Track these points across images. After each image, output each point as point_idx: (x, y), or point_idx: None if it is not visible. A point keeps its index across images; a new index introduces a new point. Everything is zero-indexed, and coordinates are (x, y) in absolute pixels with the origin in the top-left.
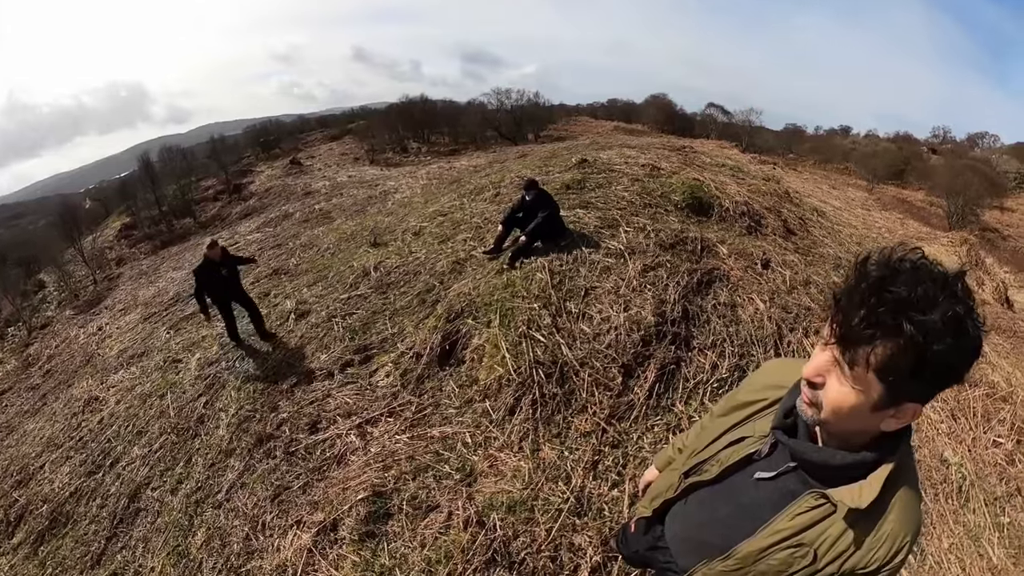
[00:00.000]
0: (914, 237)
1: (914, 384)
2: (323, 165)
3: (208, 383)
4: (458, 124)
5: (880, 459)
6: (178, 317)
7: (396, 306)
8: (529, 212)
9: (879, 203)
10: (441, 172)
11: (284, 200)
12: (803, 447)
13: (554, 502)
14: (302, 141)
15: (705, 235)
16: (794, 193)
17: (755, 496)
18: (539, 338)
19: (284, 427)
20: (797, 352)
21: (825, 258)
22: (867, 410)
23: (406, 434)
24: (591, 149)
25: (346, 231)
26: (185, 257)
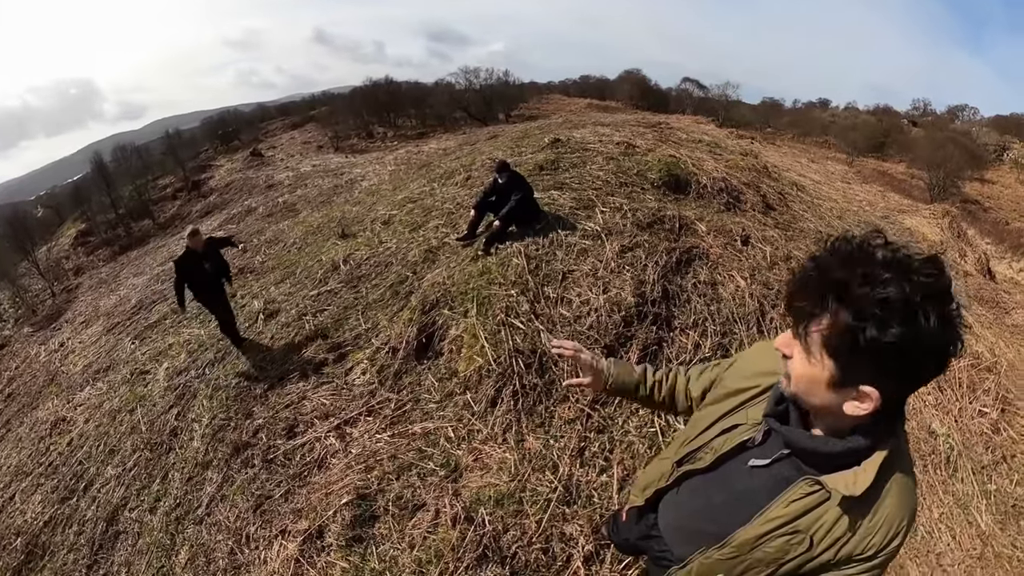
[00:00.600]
0: (895, 210)
1: (863, 367)
2: (285, 155)
3: (178, 393)
4: (425, 106)
5: (873, 445)
6: (142, 326)
7: (368, 300)
8: (502, 195)
9: (859, 176)
10: (409, 157)
11: (246, 194)
12: (795, 435)
13: (542, 492)
14: (263, 131)
15: (683, 213)
16: (773, 168)
17: (750, 483)
18: (518, 325)
19: (260, 434)
20: (780, 329)
21: (806, 233)
22: (823, 386)
23: (387, 432)
24: (564, 128)
25: (313, 224)
26: (145, 261)
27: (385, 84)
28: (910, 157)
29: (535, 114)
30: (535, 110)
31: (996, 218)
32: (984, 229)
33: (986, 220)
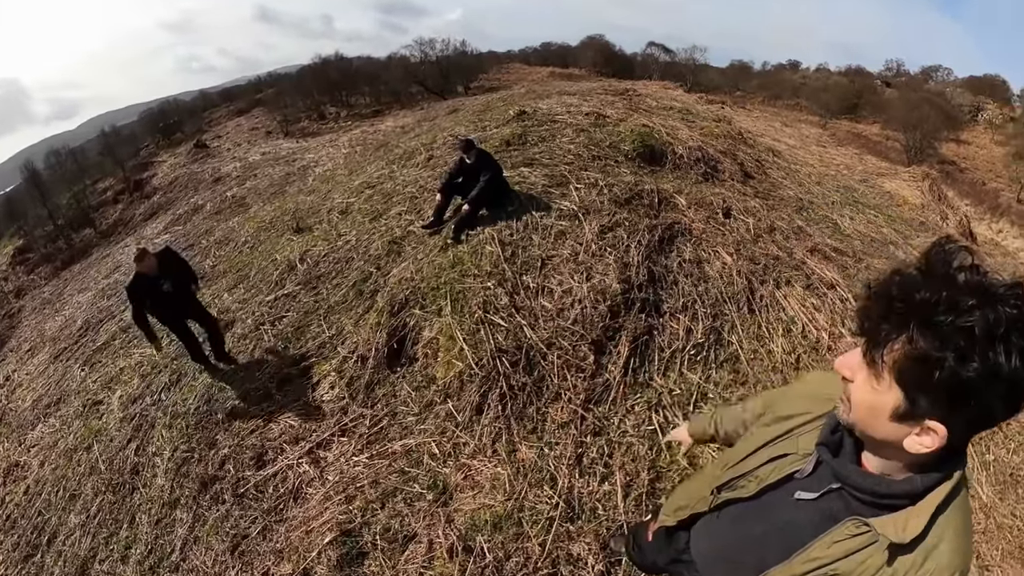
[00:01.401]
0: (874, 173)
1: (933, 400)
2: (232, 144)
3: (135, 424)
4: (379, 82)
5: (929, 488)
6: (91, 349)
7: (330, 302)
8: (470, 176)
9: (834, 139)
10: (365, 137)
11: (192, 191)
12: (847, 469)
13: (542, 510)
14: (206, 120)
15: (661, 186)
16: (747, 134)
17: (794, 516)
18: (498, 322)
19: (227, 465)
20: (771, 308)
21: (786, 201)
22: (886, 417)
23: (364, 454)
24: (528, 99)
25: (264, 218)
26: (90, 275)
27: (336, 61)
28: (884, 118)
29: (496, 85)
30: (495, 81)
31: (973, 179)
32: (962, 190)
33: (963, 181)
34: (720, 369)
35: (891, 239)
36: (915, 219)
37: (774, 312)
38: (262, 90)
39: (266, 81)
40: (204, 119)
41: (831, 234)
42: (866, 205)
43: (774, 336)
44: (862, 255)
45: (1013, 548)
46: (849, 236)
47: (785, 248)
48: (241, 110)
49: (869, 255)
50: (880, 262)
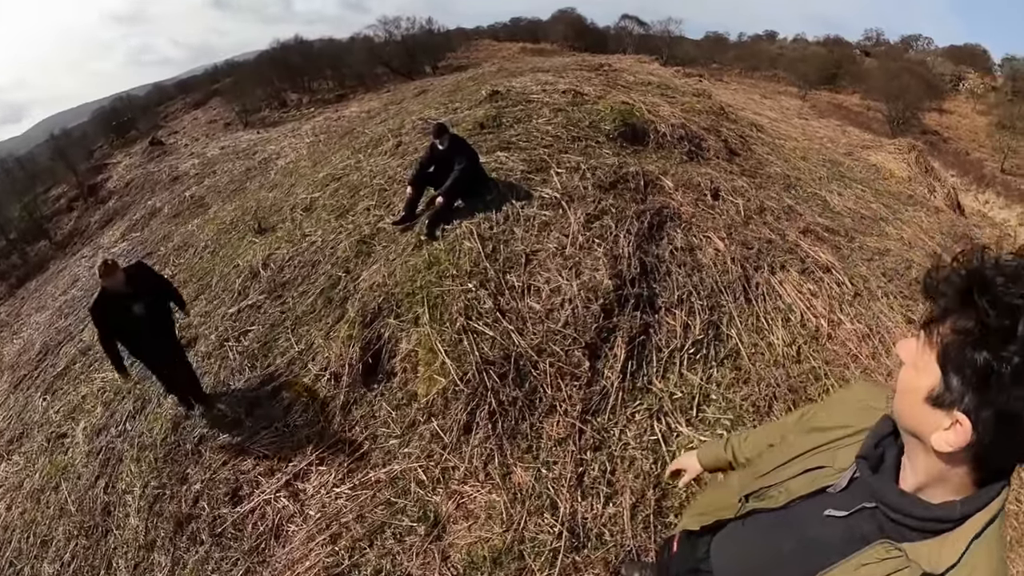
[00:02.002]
0: (858, 146)
1: (962, 383)
2: (189, 140)
3: (102, 459)
4: (342, 64)
5: (968, 515)
6: (51, 376)
7: (297, 312)
8: (443, 164)
9: (815, 110)
10: (329, 124)
11: (149, 193)
12: (885, 488)
13: (545, 541)
14: (161, 115)
15: (646, 168)
16: (729, 108)
17: (822, 533)
18: (482, 329)
19: (202, 502)
20: (768, 295)
21: (774, 178)
22: (921, 397)
23: (345, 484)
24: (500, 77)
25: (225, 219)
26: (47, 291)
27: (295, 45)
28: (864, 88)
29: (465, 63)
30: (464, 59)
31: (957, 149)
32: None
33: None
34: (721, 367)
35: (881, 214)
36: (903, 192)
37: (771, 301)
38: (219, 79)
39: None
40: (159, 114)
41: (821, 212)
42: (853, 180)
43: (773, 327)
44: (854, 233)
45: (1020, 535)
46: (839, 213)
47: (777, 230)
48: (198, 102)
49: (861, 233)
50: (873, 240)
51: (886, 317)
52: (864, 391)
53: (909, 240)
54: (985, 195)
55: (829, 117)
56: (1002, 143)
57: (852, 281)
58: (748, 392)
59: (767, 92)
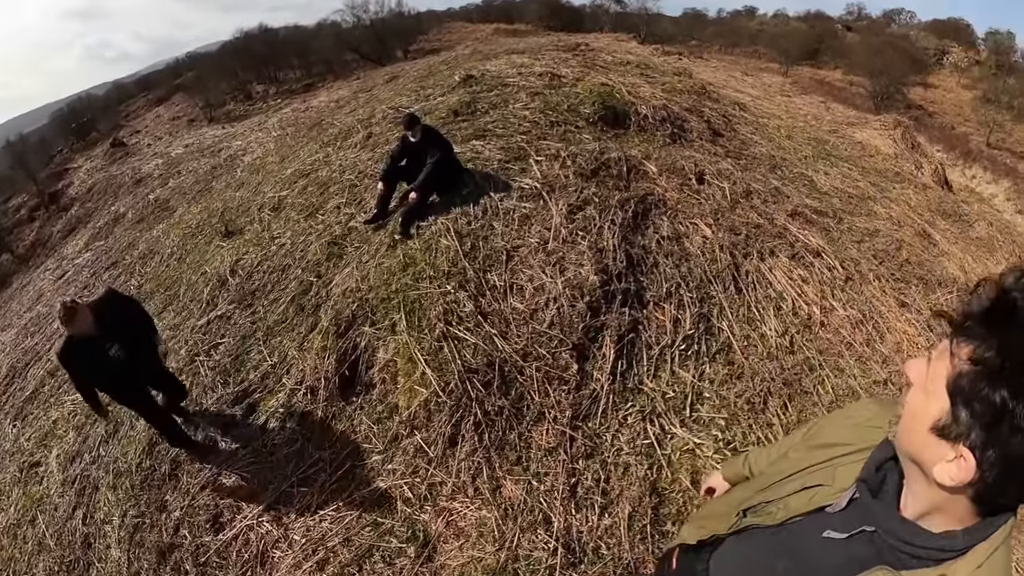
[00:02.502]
0: (843, 123)
1: (971, 417)
2: (152, 139)
3: (78, 488)
4: (309, 52)
5: (969, 546)
6: (20, 400)
7: (268, 322)
8: (415, 157)
9: (798, 87)
10: (296, 116)
11: (112, 198)
12: (886, 514)
13: (540, 558)
14: (123, 114)
15: (628, 152)
16: (710, 87)
17: (819, 556)
18: (463, 335)
19: (183, 530)
20: (758, 283)
21: (759, 159)
22: (926, 425)
23: (329, 506)
24: (474, 60)
25: (191, 223)
26: (11, 308)
27: (260, 34)
28: (846, 63)
29: (437, 47)
30: (437, 42)
31: (942, 123)
32: (933, 136)
33: (933, 126)
34: (713, 362)
35: (869, 193)
36: (889, 170)
37: (762, 289)
38: (181, 73)
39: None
40: (120, 113)
41: (808, 193)
42: (839, 158)
43: (765, 317)
44: (843, 214)
45: (1019, 519)
46: (827, 194)
47: (765, 214)
48: (160, 98)
49: (850, 213)
50: (861, 220)
51: (879, 301)
52: (871, 409)
53: (898, 219)
54: (972, 170)
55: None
56: (987, 117)
57: (843, 265)
58: (742, 388)
59: (748, 69)
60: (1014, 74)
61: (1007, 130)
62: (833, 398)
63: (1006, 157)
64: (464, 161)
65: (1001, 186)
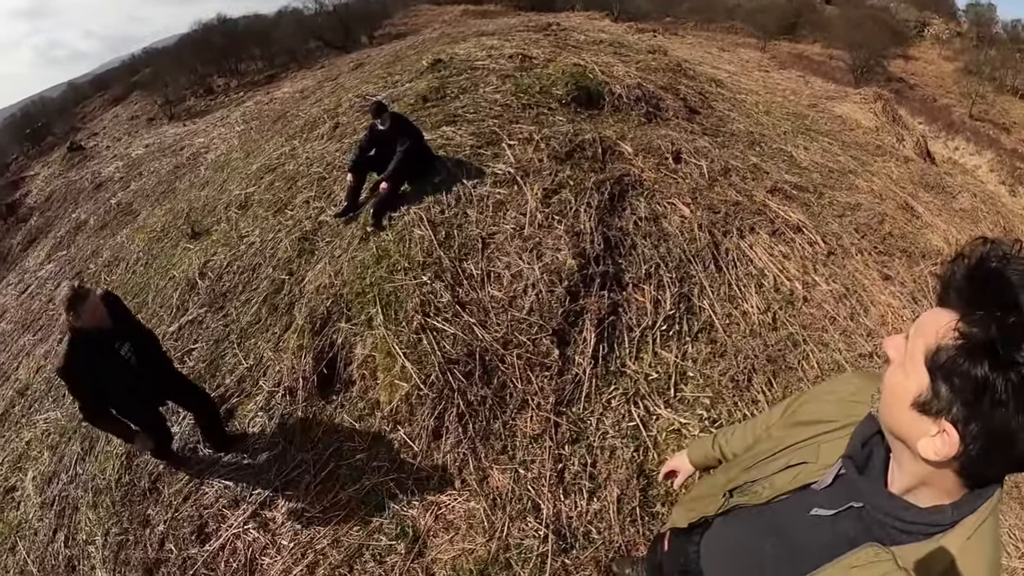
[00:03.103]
0: (823, 97)
1: (952, 392)
2: (111, 140)
3: (57, 510)
4: (271, 42)
5: (958, 519)
6: None
7: (241, 324)
8: (384, 146)
9: (776, 62)
10: (260, 109)
11: (72, 205)
12: (873, 490)
13: (531, 546)
14: (79, 116)
15: (603, 133)
16: (686, 64)
17: (807, 534)
18: (442, 326)
19: (168, 544)
20: (738, 260)
21: (737, 136)
22: (907, 402)
23: (315, 507)
24: (442, 44)
25: (156, 227)
26: None
27: (218, 24)
28: (825, 37)
29: (404, 31)
30: (403, 26)
31: (923, 95)
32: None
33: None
34: (696, 342)
35: (849, 167)
36: (870, 143)
37: (742, 266)
38: (138, 70)
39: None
40: (76, 115)
41: (788, 169)
42: (818, 132)
43: (747, 294)
44: (823, 189)
45: (1009, 487)
46: (807, 169)
47: (744, 191)
48: (117, 98)
49: (830, 188)
50: (843, 194)
51: (862, 275)
52: (854, 384)
53: (880, 192)
54: (955, 142)
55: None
56: (970, 89)
57: (824, 239)
58: (726, 366)
59: (725, 45)
60: (995, 45)
61: (989, 101)
62: (818, 373)
63: (989, 129)
64: (435, 148)
65: (984, 157)
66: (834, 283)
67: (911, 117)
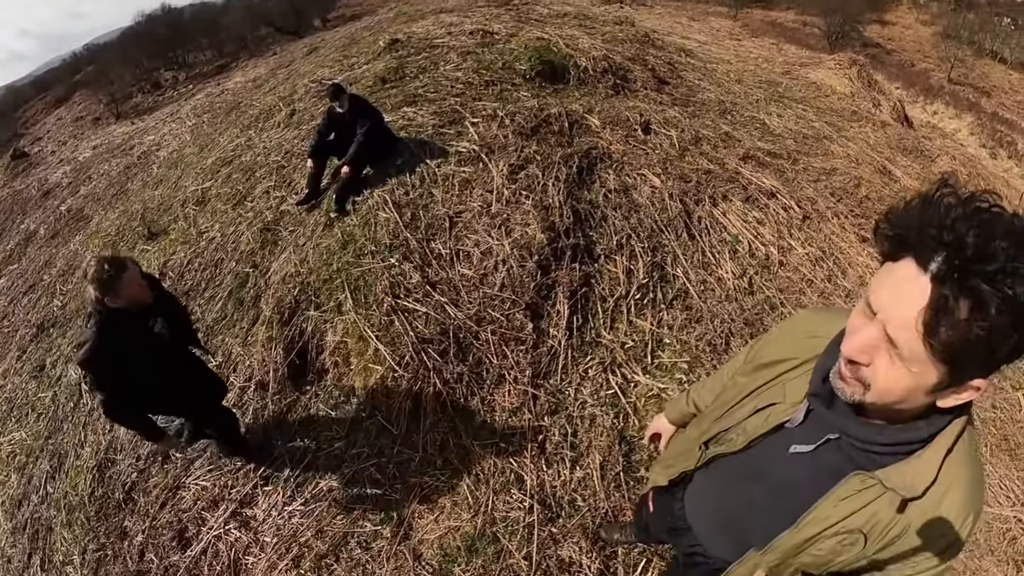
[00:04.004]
0: (796, 64)
1: (987, 363)
2: (56, 145)
3: (31, 533)
4: (219, 30)
5: (936, 432)
6: None
7: (208, 322)
8: (344, 130)
9: (748, 30)
10: (212, 101)
11: (20, 215)
12: (845, 421)
13: (517, 518)
14: (20, 122)
15: (569, 107)
16: (654, 35)
17: (790, 473)
18: (413, 306)
19: (148, 554)
20: (711, 228)
21: (707, 105)
22: (922, 393)
23: (296, 501)
24: (399, 23)
25: (110, 230)
26: None
27: (163, 15)
28: (799, 3)
29: (359, 12)
30: (358, 7)
31: (901, 60)
32: (891, 74)
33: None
34: (671, 309)
35: (825, 133)
36: (846, 109)
37: (716, 234)
38: (80, 69)
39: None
40: (17, 120)
41: (761, 136)
42: (792, 99)
43: (721, 261)
44: (797, 155)
45: (998, 440)
46: (780, 136)
47: (715, 159)
48: (60, 99)
49: (805, 154)
50: (818, 160)
51: (839, 238)
52: (808, 320)
53: (856, 157)
54: (934, 106)
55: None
56: (948, 53)
57: (799, 204)
58: (702, 331)
59: (695, 14)
60: (974, 9)
61: (969, 65)
62: None
63: (969, 92)
64: (396, 130)
65: (964, 120)
66: (810, 246)
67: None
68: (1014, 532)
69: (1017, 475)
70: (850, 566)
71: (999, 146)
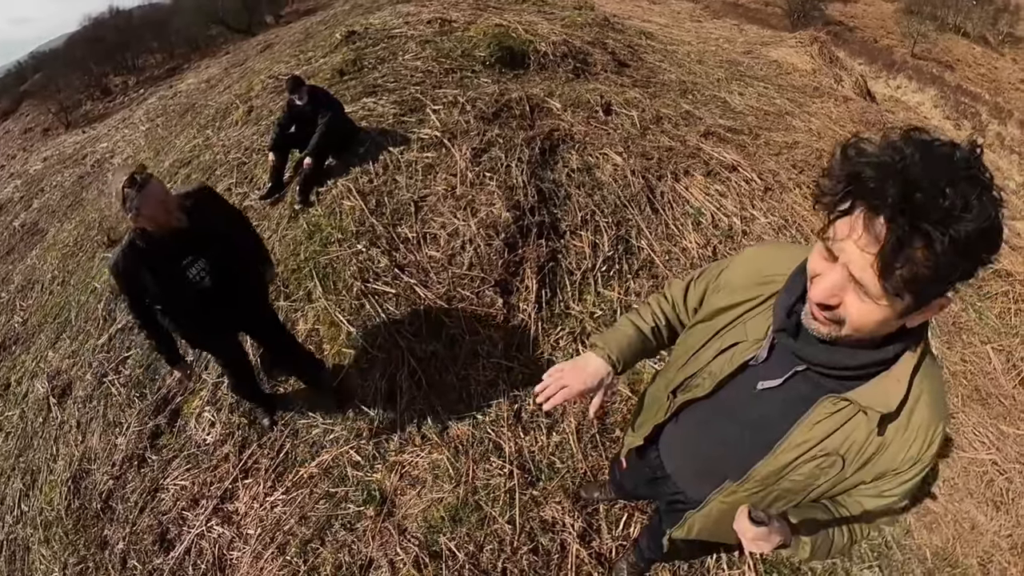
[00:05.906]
0: (757, 43)
1: (944, 286)
2: (5, 159)
3: (8, 555)
4: (169, 32)
5: (901, 351)
6: None
7: None
8: (305, 122)
9: (709, 11)
10: (165, 104)
11: None
12: (813, 350)
13: (498, 484)
14: None
15: (530, 92)
16: (614, 19)
17: (760, 408)
18: (383, 289)
19: (131, 561)
20: (674, 202)
21: (668, 86)
22: (894, 320)
23: (278, 490)
24: (355, 15)
25: (67, 241)
26: None
27: (110, 18)
28: None
29: (313, 6)
30: (311, 1)
31: (863, 37)
32: (854, 50)
33: (854, 41)
34: (637, 278)
35: (786, 109)
36: (808, 85)
37: (679, 207)
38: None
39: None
40: None
41: (722, 114)
42: (753, 78)
43: (684, 232)
44: (759, 130)
45: (970, 391)
46: (741, 113)
47: (677, 137)
48: (6, 111)
49: (766, 129)
50: (779, 135)
51: (801, 207)
52: (757, 259)
53: (818, 131)
54: (897, 80)
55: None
56: (911, 28)
57: (761, 176)
58: None
59: None
60: None
61: (932, 40)
62: None
63: (932, 67)
64: (357, 120)
65: (928, 94)
66: (772, 216)
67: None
68: (991, 475)
69: (991, 422)
70: (831, 491)
71: (963, 117)
